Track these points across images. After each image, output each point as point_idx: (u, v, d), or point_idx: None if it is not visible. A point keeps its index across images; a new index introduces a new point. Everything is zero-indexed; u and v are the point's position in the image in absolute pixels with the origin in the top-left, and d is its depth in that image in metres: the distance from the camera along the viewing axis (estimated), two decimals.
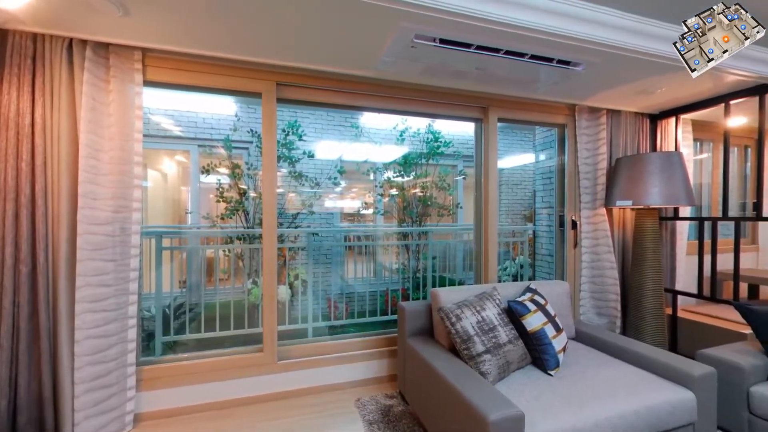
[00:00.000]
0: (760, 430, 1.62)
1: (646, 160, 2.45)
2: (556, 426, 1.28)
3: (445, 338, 1.79)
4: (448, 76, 2.13)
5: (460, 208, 5.49)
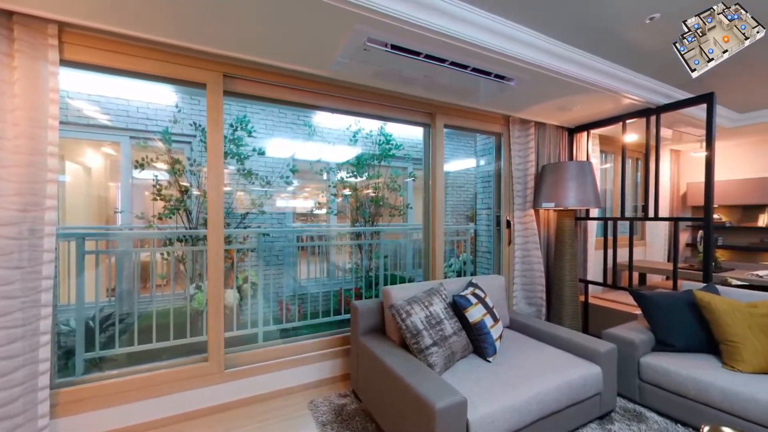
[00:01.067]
0: (647, 393, 1.93)
1: (564, 167, 2.74)
2: (494, 407, 1.41)
3: (396, 334, 1.85)
4: (399, 82, 2.18)
5: (410, 209, 5.62)
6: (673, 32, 1.93)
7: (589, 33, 1.97)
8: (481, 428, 1.34)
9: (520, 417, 1.45)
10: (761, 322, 1.77)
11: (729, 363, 1.75)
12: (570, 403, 1.65)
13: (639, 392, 1.97)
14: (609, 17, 1.81)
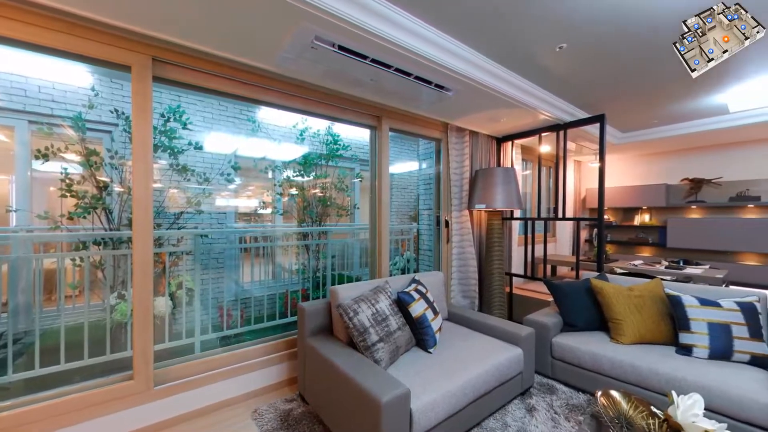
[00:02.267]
0: (557, 368, 2.22)
1: (494, 173, 2.99)
2: (434, 395, 1.50)
3: (343, 333, 1.85)
4: (348, 83, 2.17)
5: (357, 209, 5.56)
6: (577, 60, 2.27)
7: (516, 55, 2.18)
8: (423, 415, 1.42)
9: (457, 401, 1.57)
10: (636, 302, 2.13)
11: (615, 337, 2.10)
12: (498, 384, 1.82)
13: (551, 368, 2.24)
14: (529, 43, 2.03)
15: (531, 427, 1.74)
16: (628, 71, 2.45)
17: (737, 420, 1.54)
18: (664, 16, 1.78)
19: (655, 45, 2.07)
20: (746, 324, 1.82)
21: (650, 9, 1.73)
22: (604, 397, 1.36)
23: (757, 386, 1.56)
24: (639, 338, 2.04)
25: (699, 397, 1.18)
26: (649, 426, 1.21)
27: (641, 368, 1.83)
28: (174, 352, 2.30)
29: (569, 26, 1.86)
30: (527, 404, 1.96)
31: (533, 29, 1.89)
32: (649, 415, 1.27)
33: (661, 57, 2.23)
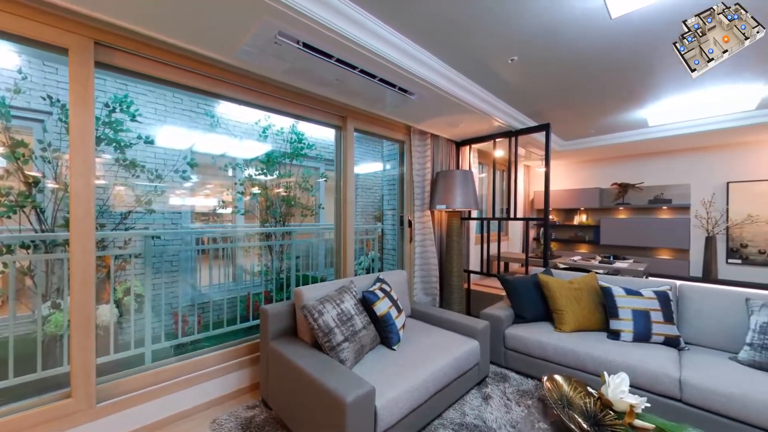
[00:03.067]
0: (510, 358, 2.35)
1: (453, 175, 3.10)
2: (398, 391, 1.52)
3: (308, 335, 1.82)
4: (313, 82, 2.12)
5: (322, 209, 5.41)
6: (526, 73, 2.42)
7: (473, 64, 2.28)
8: (388, 412, 1.44)
9: (419, 395, 1.60)
10: (575, 294, 2.33)
11: (558, 326, 2.28)
12: (457, 376, 1.90)
13: (504, 357, 2.38)
14: (485, 54, 2.13)
15: (487, 415, 1.84)
16: (569, 86, 2.67)
17: (655, 393, 1.75)
18: (601, 38, 1.96)
19: (593, 63, 2.27)
20: (661, 310, 2.07)
21: (589, 31, 1.90)
22: (549, 382, 1.47)
23: (669, 363, 1.78)
24: (578, 326, 2.24)
25: (625, 376, 1.31)
26: (586, 405, 1.33)
27: (580, 353, 2.01)
28: (121, 364, 2.05)
29: (519, 41, 1.98)
30: (483, 393, 2.06)
31: (489, 41, 1.98)
32: (585, 395, 1.39)
33: (597, 75, 2.46)
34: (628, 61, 2.24)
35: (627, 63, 2.26)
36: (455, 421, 1.77)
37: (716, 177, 4.29)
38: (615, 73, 2.42)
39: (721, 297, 2.04)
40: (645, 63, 2.27)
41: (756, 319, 1.78)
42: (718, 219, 4.19)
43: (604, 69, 2.36)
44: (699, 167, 4.40)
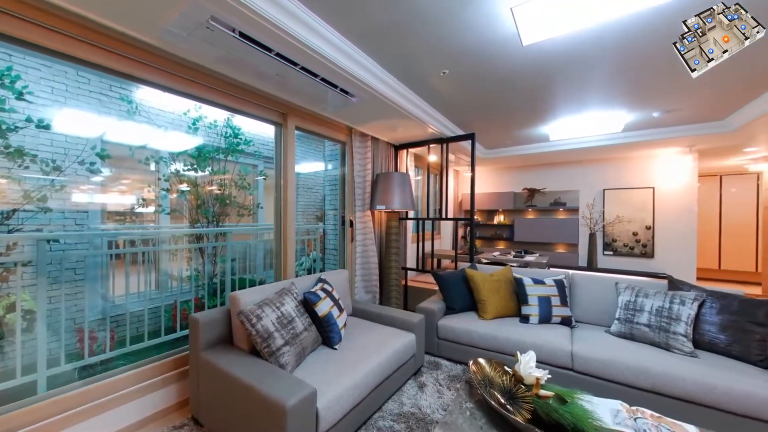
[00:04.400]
0: (442, 347, 2.49)
1: (392, 177, 3.17)
2: (340, 389, 1.50)
3: (245, 341, 1.69)
4: (251, 74, 1.96)
5: (261, 208, 5.00)
6: (456, 85, 2.57)
7: (411, 73, 2.36)
8: (330, 411, 1.41)
9: (360, 391, 1.61)
10: (495, 285, 2.55)
11: (482, 315, 2.49)
12: (396, 368, 1.95)
13: (437, 347, 2.51)
14: (421, 65, 2.22)
15: (422, 402, 1.92)
16: (490, 101, 2.93)
17: (555, 366, 2.02)
18: (514, 61, 2.19)
19: (508, 82, 2.52)
20: (559, 295, 2.40)
21: (505, 54, 2.11)
22: (474, 365, 1.60)
23: (564, 340, 2.08)
24: (498, 314, 2.48)
25: (533, 354, 1.48)
26: (504, 382, 1.47)
27: (499, 338, 2.23)
28: (4, 396, 1.62)
29: (450, 57, 2.11)
30: (419, 382, 2.15)
31: (424, 53, 2.07)
32: (503, 374, 1.53)
33: (511, 93, 2.73)
34: (535, 83, 2.54)
35: (533, 84, 2.56)
36: (394, 412, 1.82)
37: (596, 185, 5.15)
38: (525, 92, 2.72)
39: (599, 282, 2.45)
40: (547, 86, 2.60)
41: (622, 298, 2.19)
42: (597, 219, 5.05)
43: (516, 88, 2.64)
44: (584, 176, 5.24)
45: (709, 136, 3.61)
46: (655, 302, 2.02)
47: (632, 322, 2.06)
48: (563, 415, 1.17)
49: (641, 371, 1.77)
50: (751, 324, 1.78)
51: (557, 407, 1.22)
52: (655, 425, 1.25)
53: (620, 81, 2.50)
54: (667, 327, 1.92)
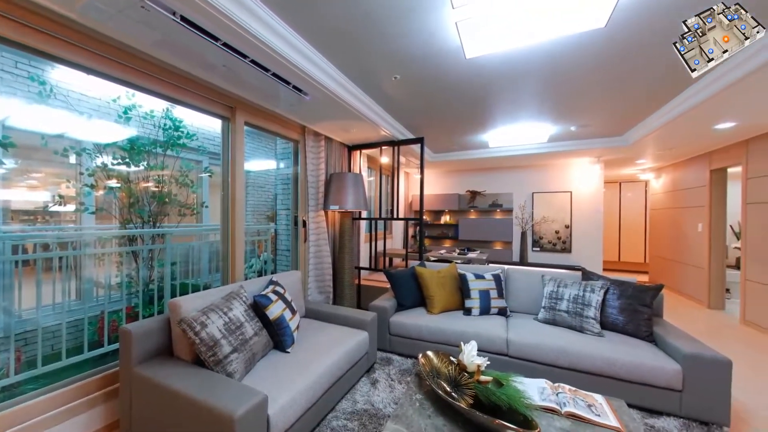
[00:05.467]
0: (394, 342, 2.53)
1: (345, 177, 3.14)
2: (293, 393, 1.45)
3: (188, 351, 1.54)
4: (195, 63, 1.79)
5: (206, 208, 4.52)
6: (406, 91, 2.62)
7: (365, 76, 2.36)
8: (282, 416, 1.36)
9: (314, 393, 1.57)
10: (442, 281, 2.68)
11: (430, 310, 2.60)
12: (349, 367, 1.94)
13: (389, 343, 2.55)
14: (375, 68, 2.23)
15: (375, 398, 1.94)
16: (437, 107, 3.05)
17: (493, 353, 2.19)
18: (459, 72, 2.30)
19: (453, 91, 2.63)
20: (496, 288, 2.61)
21: (451, 65, 2.19)
22: (423, 358, 1.65)
23: (501, 329, 2.27)
24: (444, 308, 2.61)
25: (474, 343, 1.56)
26: (449, 372, 1.54)
27: (446, 330, 2.34)
28: None
29: (401, 63, 2.15)
30: (372, 379, 2.16)
31: (377, 57, 2.08)
32: (449, 364, 1.61)
33: (456, 101, 2.86)
34: (476, 94, 2.70)
35: (475, 95, 2.72)
36: (347, 411, 1.81)
37: (526, 188, 5.69)
38: (468, 101, 2.88)
39: (529, 276, 2.70)
40: (487, 97, 2.77)
41: (547, 289, 2.45)
42: (528, 219, 5.59)
43: (461, 97, 2.79)
44: (517, 180, 5.75)
45: (611, 149, 4.21)
46: (572, 291, 2.30)
47: (555, 310, 2.32)
48: (500, 397, 1.27)
49: (561, 352, 2.00)
50: (640, 306, 2.11)
51: (495, 390, 1.32)
52: (572, 398, 1.43)
53: (546, 97, 2.78)
54: (581, 312, 2.20)
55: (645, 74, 2.29)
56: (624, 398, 1.80)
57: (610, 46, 1.94)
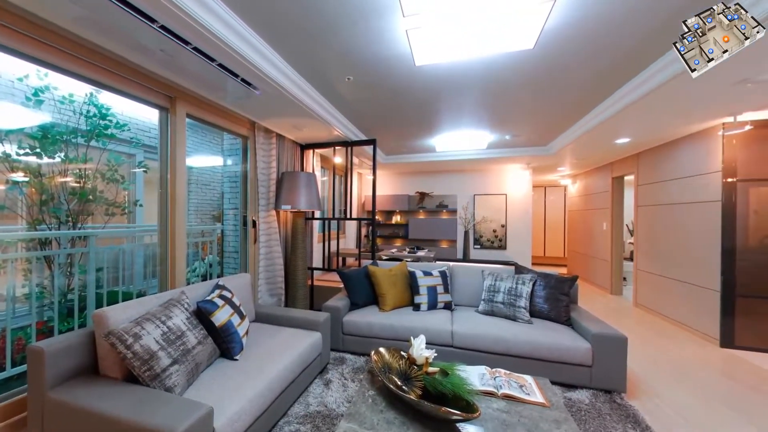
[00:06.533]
0: (347, 342, 2.53)
1: (298, 176, 3.04)
2: (242, 402, 1.37)
3: (117, 368, 1.36)
4: (127, 45, 1.60)
5: (140, 206, 3.93)
6: (359, 93, 2.63)
7: (318, 75, 2.32)
8: (230, 428, 1.28)
9: (264, 400, 1.50)
10: (393, 279, 2.74)
11: (382, 308, 2.65)
12: (302, 369, 1.89)
13: (343, 342, 2.54)
14: (328, 68, 2.21)
15: (328, 398, 1.91)
16: (389, 111, 3.11)
17: (440, 345, 2.30)
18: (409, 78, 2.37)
19: (403, 96, 2.70)
20: (442, 284, 2.75)
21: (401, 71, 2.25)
22: (375, 355, 1.68)
23: (446, 322, 2.40)
24: (395, 305, 2.68)
25: (423, 337, 1.62)
26: (400, 366, 1.59)
27: (397, 326, 2.40)
28: None
29: (354, 65, 2.16)
30: (325, 379, 2.13)
31: (331, 57, 2.06)
32: (400, 359, 1.65)
33: (406, 105, 2.95)
34: (424, 100, 2.81)
35: (424, 101, 2.84)
36: (300, 414, 1.76)
37: (469, 190, 6.11)
38: (417, 107, 2.99)
39: (471, 271, 2.90)
40: (434, 103, 2.91)
41: (486, 283, 2.66)
42: (470, 219, 6.01)
43: (410, 102, 2.88)
44: (461, 183, 6.14)
45: (538, 157, 4.72)
46: (507, 284, 2.54)
47: (492, 302, 2.54)
48: (445, 386, 1.36)
49: (498, 340, 2.19)
50: (560, 295, 2.42)
51: (441, 380, 1.40)
52: (507, 381, 1.58)
53: (484, 107, 3.00)
54: (514, 303, 2.44)
55: (566, 92, 2.61)
56: (549, 377, 2.03)
57: (537, 65, 2.16)
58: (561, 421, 1.30)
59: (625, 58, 2.03)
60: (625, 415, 1.78)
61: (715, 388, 2.15)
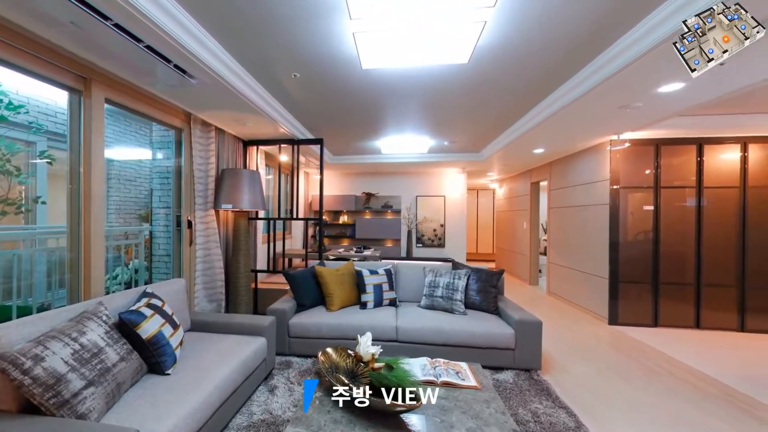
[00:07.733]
0: (294, 344, 2.45)
1: (240, 174, 2.85)
2: (174, 420, 1.24)
3: (12, 398, 1.13)
4: (25, 12, 1.34)
5: (42, 204, 3.21)
6: (306, 90, 2.56)
7: (263, 69, 2.21)
8: None
9: (202, 414, 1.39)
10: (340, 279, 2.73)
11: (329, 307, 2.63)
12: (245, 378, 1.78)
13: (289, 346, 2.46)
14: (274, 62, 2.12)
15: (273, 405, 1.84)
16: (336, 111, 3.09)
17: (386, 341, 2.37)
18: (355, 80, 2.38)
19: (350, 98, 2.72)
20: (388, 282, 2.85)
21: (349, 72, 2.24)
22: (322, 355, 1.66)
23: (391, 318, 2.49)
24: (343, 304, 2.69)
25: (369, 334, 1.66)
26: (347, 364, 1.60)
27: (344, 325, 2.41)
28: None
29: (301, 61, 2.11)
30: (270, 386, 2.04)
31: (277, 51, 1.98)
32: (347, 357, 1.66)
33: (353, 108, 2.97)
34: (370, 103, 2.86)
35: (369, 103, 2.88)
36: (243, 425, 1.67)
37: (412, 192, 6.40)
38: (363, 109, 3.02)
39: (413, 269, 3.04)
40: (379, 107, 2.97)
41: (427, 279, 2.84)
42: (413, 219, 6.31)
43: (356, 104, 2.90)
44: (405, 184, 6.41)
45: (471, 162, 5.18)
46: (445, 279, 2.75)
47: (433, 296, 2.73)
48: (390, 380, 1.41)
49: (437, 332, 2.36)
50: (490, 287, 2.69)
51: (386, 374, 1.45)
52: (445, 369, 1.72)
53: (425, 113, 3.17)
54: (451, 296, 2.66)
55: (495, 104, 2.89)
56: (480, 362, 2.21)
57: (471, 78, 2.34)
58: (490, 401, 1.45)
59: (545, 76, 2.29)
60: (541, 389, 2.06)
61: (606, 359, 2.62)
